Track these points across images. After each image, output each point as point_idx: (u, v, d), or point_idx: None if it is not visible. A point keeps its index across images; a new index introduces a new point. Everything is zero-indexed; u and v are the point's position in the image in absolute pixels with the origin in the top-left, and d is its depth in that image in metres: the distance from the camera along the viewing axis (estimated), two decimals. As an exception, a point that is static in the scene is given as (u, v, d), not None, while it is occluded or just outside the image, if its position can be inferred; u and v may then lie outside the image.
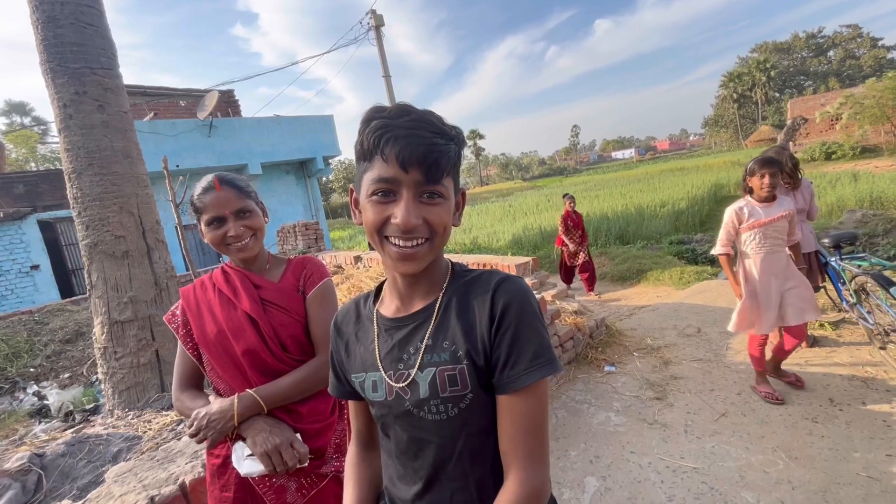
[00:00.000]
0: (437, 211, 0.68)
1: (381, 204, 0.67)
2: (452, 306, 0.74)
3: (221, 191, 1.18)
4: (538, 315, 0.71)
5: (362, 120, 0.68)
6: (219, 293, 1.23)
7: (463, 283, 0.76)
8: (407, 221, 0.65)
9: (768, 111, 46.74)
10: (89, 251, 2.49)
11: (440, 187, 0.68)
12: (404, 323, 0.77)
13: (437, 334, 0.74)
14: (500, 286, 0.71)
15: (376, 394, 0.79)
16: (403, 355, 0.76)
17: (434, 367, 0.72)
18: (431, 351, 0.73)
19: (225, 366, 1.18)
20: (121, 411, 2.45)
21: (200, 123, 10.70)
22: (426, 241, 0.69)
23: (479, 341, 0.70)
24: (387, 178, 0.66)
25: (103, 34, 2.59)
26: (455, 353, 0.71)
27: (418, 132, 0.65)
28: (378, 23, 11.50)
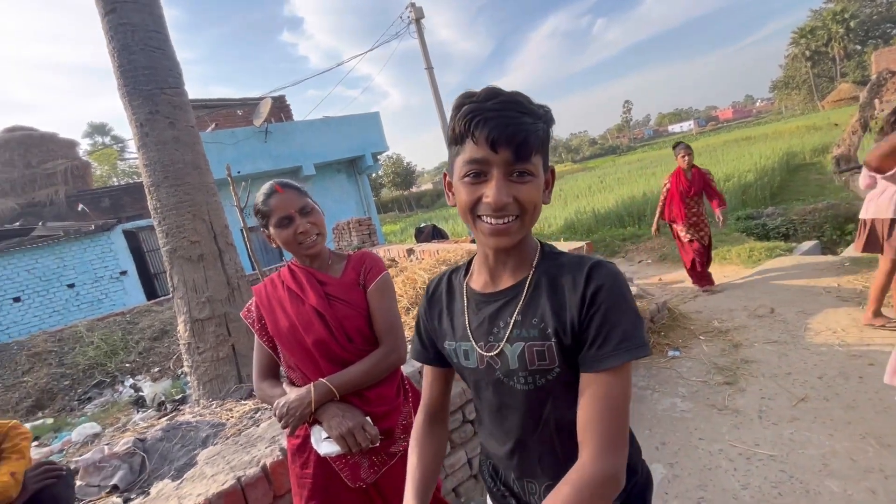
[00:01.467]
0: (526, 189, 0.70)
1: (474, 185, 0.70)
2: (543, 285, 0.76)
3: (284, 192, 1.26)
4: (629, 300, 0.71)
5: (453, 106, 0.71)
6: (288, 290, 1.32)
7: (554, 264, 0.77)
8: (498, 200, 0.68)
9: (848, 67, 42.22)
10: (170, 256, 2.73)
11: (529, 165, 0.69)
12: (495, 298, 0.80)
13: (527, 311, 0.76)
14: (593, 269, 0.72)
15: (468, 361, 0.83)
16: (493, 328, 0.79)
17: (523, 341, 0.75)
18: (521, 326, 0.76)
19: (298, 356, 1.28)
20: (205, 401, 2.69)
21: (256, 130, 11.28)
22: (517, 217, 0.71)
23: (567, 321, 0.71)
24: (478, 159, 0.68)
25: (169, 56, 2.81)
26: (544, 331, 0.73)
27: (506, 113, 0.66)
28: (418, 15, 11.54)
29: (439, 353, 0.93)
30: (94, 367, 6.16)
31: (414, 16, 11.57)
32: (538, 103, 0.72)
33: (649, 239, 8.31)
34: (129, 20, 2.65)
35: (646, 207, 11.19)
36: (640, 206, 11.47)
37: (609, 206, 12.80)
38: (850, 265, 4.46)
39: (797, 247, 6.17)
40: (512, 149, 0.66)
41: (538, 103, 0.72)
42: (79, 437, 3.25)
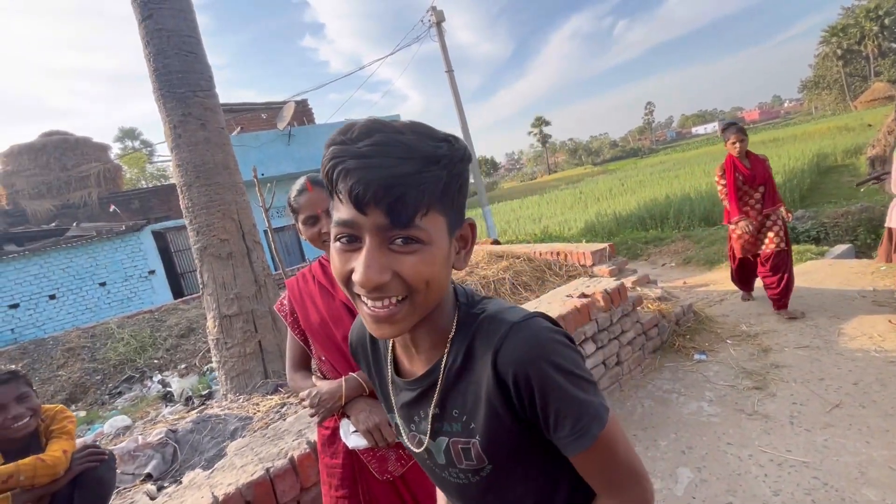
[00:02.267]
0: (412, 262, 0.52)
1: (345, 252, 0.54)
2: (458, 366, 0.62)
3: (313, 192, 1.29)
4: (561, 370, 0.56)
5: (325, 144, 0.54)
6: (318, 284, 1.35)
7: (469, 332, 0.62)
8: (366, 278, 0.51)
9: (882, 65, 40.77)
10: (200, 254, 2.81)
11: (414, 230, 0.51)
12: (410, 387, 0.68)
13: (446, 401, 0.64)
14: (501, 350, 0.57)
15: (402, 437, 0.73)
16: (415, 418, 0.69)
17: (446, 436, 0.64)
18: (440, 419, 0.64)
19: (328, 350, 1.30)
20: (233, 395, 2.75)
21: (280, 133, 11.51)
22: (403, 299, 0.54)
23: (489, 407, 0.59)
24: (344, 222, 0.52)
25: (201, 59, 2.90)
26: (467, 425, 0.62)
27: (378, 160, 0.49)
28: (439, 18, 11.61)
29: None
30: (124, 363, 6.36)
31: (435, 19, 11.64)
32: (440, 136, 0.54)
33: (672, 242, 8.16)
34: (164, 25, 2.74)
35: (668, 210, 11.00)
36: (663, 209, 11.28)
37: (631, 208, 12.63)
38: (887, 269, 4.30)
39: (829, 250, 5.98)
40: (383, 209, 0.49)
41: (440, 136, 0.54)
42: (111, 430, 3.36)
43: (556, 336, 0.58)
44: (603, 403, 0.57)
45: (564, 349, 0.57)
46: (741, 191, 3.50)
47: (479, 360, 0.60)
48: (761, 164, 3.50)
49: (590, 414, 0.56)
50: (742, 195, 3.50)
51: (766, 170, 3.49)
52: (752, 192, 3.49)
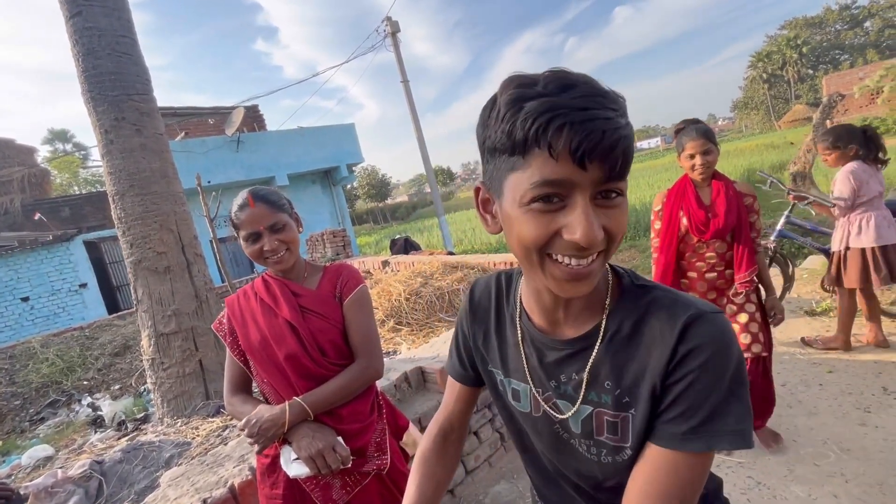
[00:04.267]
0: (616, 214, 0.52)
1: (546, 214, 0.51)
2: (623, 335, 0.59)
3: (255, 207, 1.23)
4: (733, 371, 0.53)
5: (507, 100, 0.50)
6: (260, 302, 1.29)
7: (636, 305, 0.60)
8: (591, 236, 0.49)
9: (802, 89, 44.81)
10: (134, 268, 2.62)
11: (622, 183, 0.51)
12: (558, 347, 0.64)
13: (599, 369, 0.60)
14: (692, 324, 0.54)
15: (519, 404, 0.71)
16: (553, 381, 0.65)
17: (591, 406, 0.61)
18: (590, 387, 0.61)
19: (269, 371, 1.24)
20: (170, 419, 2.57)
21: (228, 139, 11.07)
22: (600, 254, 0.53)
23: (648, 389, 0.56)
24: (556, 181, 0.48)
25: (137, 61, 2.73)
26: (620, 399, 0.58)
27: (596, 112, 0.47)
28: (394, 29, 11.64)
29: (479, 374, 0.81)
30: (48, 386, 5.82)
31: (390, 29, 11.66)
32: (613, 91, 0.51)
33: (619, 252, 8.53)
34: (95, 24, 2.57)
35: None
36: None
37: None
38: (808, 277, 4.67)
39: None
40: (609, 164, 0.48)
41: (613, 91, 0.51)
42: (29, 461, 3.04)
43: (737, 342, 0.56)
44: (738, 429, 0.53)
45: (742, 359, 0.55)
46: (684, 243, 2.08)
47: (654, 335, 0.57)
48: (730, 200, 1.98)
49: (725, 425, 0.52)
50: (686, 250, 2.09)
51: (737, 208, 1.97)
52: (703, 246, 2.04)
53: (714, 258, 2.06)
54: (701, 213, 2.01)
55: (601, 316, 0.61)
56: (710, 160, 1.97)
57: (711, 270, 2.08)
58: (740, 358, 0.54)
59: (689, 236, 2.06)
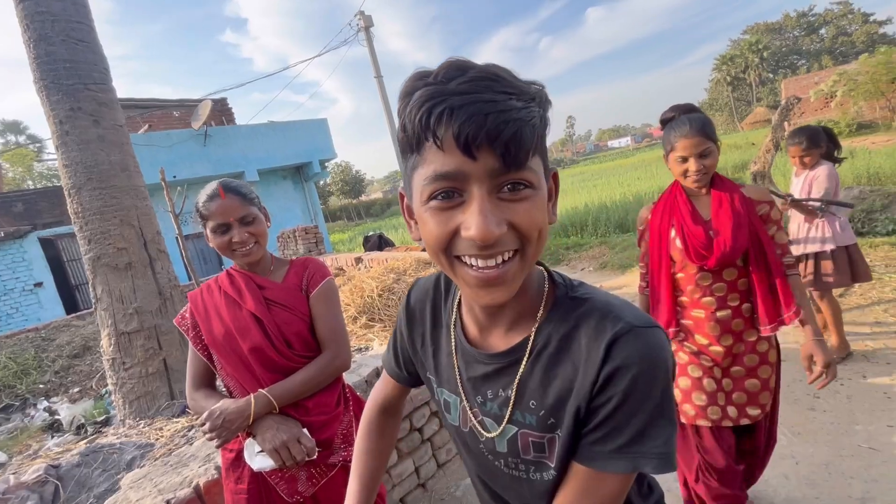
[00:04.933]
0: (524, 208, 0.48)
1: (444, 211, 0.48)
2: (550, 351, 0.56)
3: (226, 198, 1.21)
4: (661, 390, 0.51)
5: (401, 94, 0.48)
6: (224, 295, 1.27)
7: (567, 317, 0.56)
8: (485, 231, 0.45)
9: (762, 92, 46.68)
10: (93, 265, 2.52)
11: (526, 173, 0.47)
12: (485, 360, 0.61)
13: (525, 387, 0.57)
14: (618, 340, 0.51)
15: (450, 415, 0.69)
16: (479, 397, 0.63)
17: (516, 426, 0.59)
18: (515, 406, 0.58)
19: (234, 364, 1.22)
20: (132, 421, 2.49)
21: (195, 133, 10.74)
22: (515, 253, 0.49)
23: (575, 407, 0.53)
24: (447, 174, 0.46)
25: (94, 49, 2.62)
26: (545, 420, 0.56)
27: (483, 96, 0.44)
28: (367, 24, 11.52)
29: (415, 375, 0.79)
30: (0, 390, 5.53)
31: (363, 24, 11.53)
32: (526, 79, 0.49)
33: (591, 248, 8.71)
34: (48, 8, 2.44)
35: (587, 218, 11.69)
36: (583, 217, 11.96)
37: (553, 216, 13.25)
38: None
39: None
40: (499, 150, 0.45)
41: (526, 79, 0.49)
42: (-21, 469, 2.89)
43: (671, 360, 0.52)
44: (664, 452, 0.51)
45: (671, 376, 0.52)
46: (683, 273, 1.55)
47: (580, 351, 0.53)
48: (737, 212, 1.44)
49: (651, 444, 0.50)
50: (685, 282, 1.55)
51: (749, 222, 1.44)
52: (708, 276, 1.50)
53: (724, 290, 1.48)
54: (699, 231, 1.45)
55: (531, 328, 0.58)
56: (709, 164, 1.42)
57: (723, 307, 1.48)
58: (668, 375, 0.51)
59: (687, 264, 1.49)
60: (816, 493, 1.89)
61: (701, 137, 1.40)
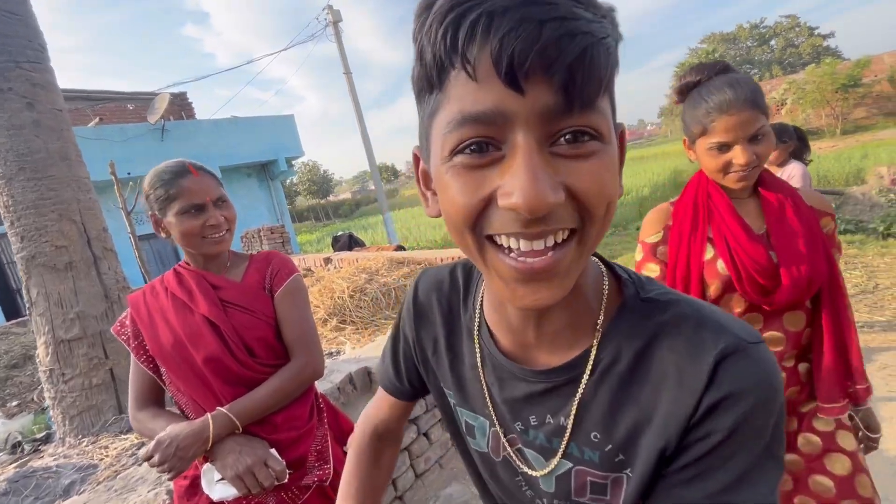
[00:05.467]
0: (591, 168, 0.34)
1: (474, 170, 0.35)
2: (620, 370, 0.43)
3: (200, 176, 1.05)
4: (775, 424, 0.39)
5: (417, 10, 0.34)
6: (172, 297, 1.09)
7: (648, 325, 0.42)
8: (535, 197, 0.31)
9: (719, 99, 48.79)
10: (26, 264, 2.25)
11: (596, 117, 0.33)
12: (525, 378, 0.47)
13: (585, 414, 0.44)
14: (726, 360, 0.38)
15: (473, 440, 0.55)
16: (519, 423, 0.49)
17: (571, 462, 0.46)
18: (572, 437, 0.45)
19: (186, 378, 1.04)
20: (73, 438, 2.23)
21: (152, 127, 10.17)
22: (572, 234, 0.36)
23: (659, 443, 0.40)
24: (480, 115, 0.32)
25: (28, 23, 2.34)
26: (612, 457, 0.43)
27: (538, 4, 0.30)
28: (336, 18, 11.25)
29: (417, 388, 0.65)
30: (-75, 406, 4.99)
31: (332, 18, 11.25)
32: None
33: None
34: (-29, -24, 2.16)
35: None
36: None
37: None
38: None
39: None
40: (559, 79, 0.31)
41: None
42: None
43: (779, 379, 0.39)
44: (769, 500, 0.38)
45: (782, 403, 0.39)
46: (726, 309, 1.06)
47: (666, 372, 0.40)
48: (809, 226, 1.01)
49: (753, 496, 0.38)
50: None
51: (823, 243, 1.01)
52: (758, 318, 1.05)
53: (781, 343, 1.04)
54: (759, 252, 0.99)
55: (591, 340, 0.44)
56: (763, 152, 0.98)
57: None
58: (783, 405, 0.39)
59: (733, 298, 1.05)
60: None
61: (752, 111, 0.94)
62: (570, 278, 0.37)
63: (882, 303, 3.37)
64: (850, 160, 11.41)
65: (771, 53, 50.59)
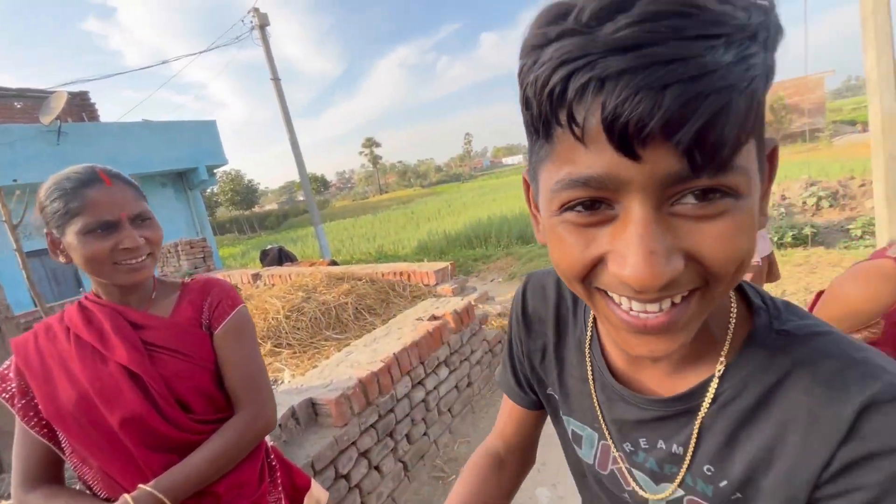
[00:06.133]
0: (718, 232, 0.30)
1: (585, 228, 0.33)
2: (743, 405, 0.39)
3: (113, 186, 0.84)
4: None
5: (525, 47, 0.31)
6: (76, 341, 0.85)
7: (781, 359, 0.38)
8: (647, 276, 0.29)
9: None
10: None
11: (730, 176, 0.29)
12: (637, 404, 0.46)
13: (702, 445, 0.41)
14: (873, 409, 0.33)
15: (581, 450, 0.54)
16: (628, 443, 0.47)
17: (684, 491, 0.43)
18: (682, 465, 0.43)
19: (95, 446, 0.82)
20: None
21: (45, 129, 9.00)
22: (691, 293, 0.33)
23: (782, 488, 0.36)
24: (590, 179, 0.30)
25: None
26: (726, 494, 0.40)
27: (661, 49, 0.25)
28: (262, 22, 10.75)
29: (540, 397, 0.62)
30: None
31: (258, 22, 10.72)
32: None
33: (498, 259, 8.95)
34: None
35: (490, 229, 12.01)
36: (486, 229, 12.28)
37: (458, 228, 13.44)
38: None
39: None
40: (683, 146, 0.27)
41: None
42: None
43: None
44: None
45: None
46: None
47: (797, 414, 0.36)
48: None
49: None
50: None
51: None
52: None
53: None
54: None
55: (712, 370, 0.41)
56: None
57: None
58: None
59: None
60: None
61: None
62: (690, 332, 0.35)
63: (790, 308, 3.74)
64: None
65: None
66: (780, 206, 8.98)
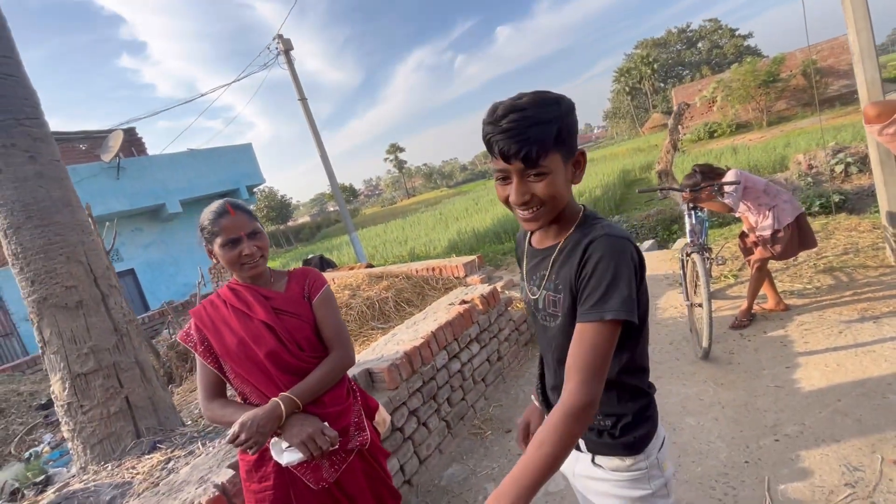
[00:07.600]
0: (542, 186, 0.84)
1: (502, 185, 0.89)
2: (567, 250, 0.92)
3: (235, 215, 1.32)
4: (616, 270, 0.82)
5: (483, 121, 0.87)
6: (232, 308, 1.36)
7: (582, 232, 0.91)
8: (516, 200, 0.86)
9: (657, 100, 51.69)
10: (38, 306, 2.39)
11: (541, 168, 0.83)
12: (538, 254, 1.00)
13: (554, 267, 0.94)
14: (593, 241, 0.86)
15: (522, 294, 1.10)
16: (534, 276, 1.01)
17: (546, 291, 0.97)
18: (547, 279, 0.95)
19: (250, 370, 1.32)
20: (96, 465, 2.37)
21: (106, 166, 10.00)
22: (541, 206, 0.87)
23: (570, 283, 0.88)
24: (500, 170, 0.87)
25: (24, 83, 2.51)
26: (558, 287, 0.92)
27: (515, 130, 0.80)
28: (287, 47, 11.45)
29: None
30: None
31: (283, 47, 11.44)
32: (553, 97, 0.83)
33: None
34: (-33, 44, 2.33)
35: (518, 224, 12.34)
36: (514, 224, 12.61)
37: (487, 225, 13.78)
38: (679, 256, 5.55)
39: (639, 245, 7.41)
40: (520, 160, 0.81)
41: (553, 97, 0.83)
42: None
43: (630, 251, 0.85)
44: (624, 306, 0.80)
45: (630, 259, 0.84)
46: None
47: (579, 247, 0.88)
48: None
49: (609, 304, 0.80)
50: None
51: None
52: None
53: None
54: None
55: (564, 236, 0.95)
56: None
57: None
58: (626, 264, 0.83)
59: None
60: (740, 427, 2.28)
61: None
62: (544, 220, 0.91)
63: (800, 272, 3.95)
64: (775, 149, 12.58)
65: (699, 55, 54.06)
66: (807, 175, 8.89)
